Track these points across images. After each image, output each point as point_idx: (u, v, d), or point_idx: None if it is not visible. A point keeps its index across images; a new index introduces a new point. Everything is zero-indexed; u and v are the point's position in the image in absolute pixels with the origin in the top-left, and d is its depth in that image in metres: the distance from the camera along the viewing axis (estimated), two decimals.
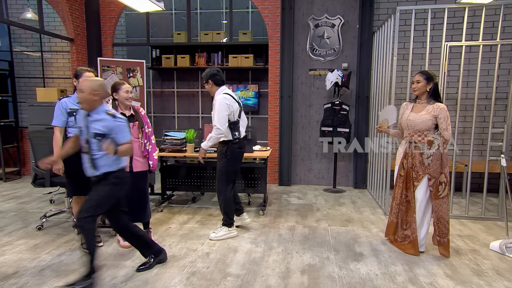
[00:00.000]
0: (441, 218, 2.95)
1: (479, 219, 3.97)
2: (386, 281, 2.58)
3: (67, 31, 5.62)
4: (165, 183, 4.44)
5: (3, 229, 3.52)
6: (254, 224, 3.73)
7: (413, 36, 3.91)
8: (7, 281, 2.51)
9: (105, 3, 5.79)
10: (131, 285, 2.46)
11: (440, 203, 2.95)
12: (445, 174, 2.93)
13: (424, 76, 2.93)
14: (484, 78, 4.79)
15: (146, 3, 3.60)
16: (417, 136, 2.94)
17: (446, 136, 2.88)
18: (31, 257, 2.90)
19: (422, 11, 4.42)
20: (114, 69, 5.47)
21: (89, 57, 5.82)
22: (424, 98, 2.97)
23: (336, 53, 5.35)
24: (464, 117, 5.04)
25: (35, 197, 4.71)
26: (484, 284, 2.56)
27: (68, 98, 2.99)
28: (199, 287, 2.45)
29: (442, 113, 2.86)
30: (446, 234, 2.96)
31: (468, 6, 3.73)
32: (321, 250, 3.10)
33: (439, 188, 2.93)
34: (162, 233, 3.46)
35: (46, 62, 6.37)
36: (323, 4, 5.30)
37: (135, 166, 3.04)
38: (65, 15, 5.51)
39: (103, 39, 5.90)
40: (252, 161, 4.42)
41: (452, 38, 4.76)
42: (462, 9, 4.24)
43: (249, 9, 8.17)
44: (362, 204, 4.58)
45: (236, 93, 5.97)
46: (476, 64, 3.87)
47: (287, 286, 2.49)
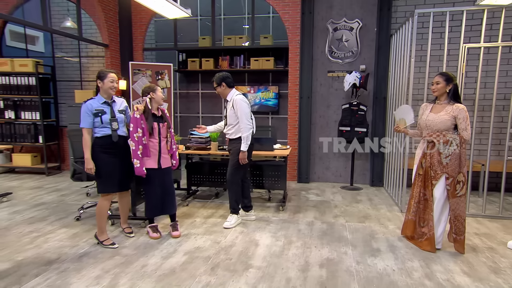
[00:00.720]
0: (458, 216, 2.86)
1: (497, 217, 3.83)
2: (403, 276, 2.52)
3: (102, 37, 5.79)
4: (190, 179, 4.51)
5: (47, 219, 3.67)
6: (274, 219, 3.73)
7: (431, 38, 3.79)
8: (51, 266, 2.62)
9: (137, 11, 5.92)
10: (160, 273, 2.52)
11: (458, 201, 2.85)
12: (463, 174, 2.83)
13: (444, 78, 2.83)
14: (502, 79, 4.62)
15: (174, 10, 3.64)
16: (436, 136, 2.86)
17: (465, 136, 2.78)
18: (71, 244, 3.02)
19: (440, 14, 4.29)
20: (144, 72, 5.60)
21: (122, 61, 5.98)
22: (444, 99, 2.88)
23: (354, 56, 5.26)
24: (481, 117, 4.84)
25: (73, 190, 4.88)
26: (502, 282, 2.46)
27: (92, 100, 2.92)
28: (222, 277, 2.48)
29: (461, 114, 2.77)
30: (463, 232, 2.87)
31: (488, 7, 3.58)
32: (339, 245, 3.06)
33: (457, 187, 2.84)
34: (187, 226, 3.52)
35: (84, 66, 6.58)
36: (341, 8, 5.22)
37: (163, 163, 3.11)
38: (100, 23, 5.68)
39: (134, 44, 6.04)
40: (272, 159, 4.41)
41: (470, 40, 4.59)
42: (481, 11, 4.08)
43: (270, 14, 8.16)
44: (378, 202, 4.48)
45: (257, 94, 5.98)
46: (494, 65, 3.72)
47: (306, 278, 2.47)
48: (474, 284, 2.44)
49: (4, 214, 3.81)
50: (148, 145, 3.00)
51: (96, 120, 2.89)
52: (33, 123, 5.83)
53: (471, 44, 3.84)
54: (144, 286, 2.35)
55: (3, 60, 5.74)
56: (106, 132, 2.93)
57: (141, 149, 2.96)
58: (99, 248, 2.94)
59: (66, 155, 6.22)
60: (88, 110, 2.86)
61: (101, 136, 2.92)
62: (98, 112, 2.89)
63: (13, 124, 5.87)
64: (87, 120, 2.87)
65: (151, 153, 3.03)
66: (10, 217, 3.70)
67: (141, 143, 2.96)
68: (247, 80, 6.22)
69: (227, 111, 3.48)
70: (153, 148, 3.04)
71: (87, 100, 2.92)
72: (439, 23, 4.63)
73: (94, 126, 2.90)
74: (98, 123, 2.90)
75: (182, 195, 4.55)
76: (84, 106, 2.88)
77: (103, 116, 2.91)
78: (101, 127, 2.92)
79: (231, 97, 3.44)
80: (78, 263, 2.66)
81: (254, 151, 4.03)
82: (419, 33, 4.57)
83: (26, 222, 3.55)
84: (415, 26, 3.75)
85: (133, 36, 6.02)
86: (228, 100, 3.47)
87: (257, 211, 3.99)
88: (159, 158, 3.07)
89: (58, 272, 2.53)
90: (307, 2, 5.21)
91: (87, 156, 2.86)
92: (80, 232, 3.29)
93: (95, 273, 2.51)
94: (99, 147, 2.91)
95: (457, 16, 4.64)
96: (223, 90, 3.45)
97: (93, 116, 2.87)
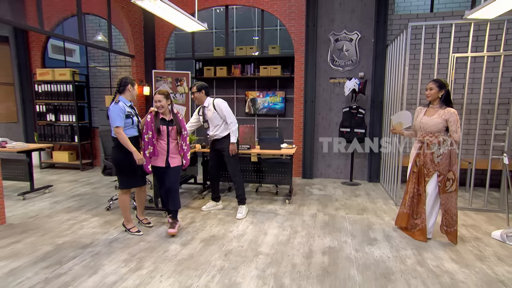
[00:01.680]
0: (448, 210, 2.83)
1: (482, 210, 3.77)
2: (397, 263, 2.50)
3: (129, 49, 5.88)
4: (206, 175, 4.53)
5: (82, 208, 3.76)
6: (281, 211, 3.74)
7: (423, 49, 3.76)
8: (85, 249, 2.69)
9: (159, 25, 5.99)
10: (179, 258, 2.56)
11: (448, 197, 2.82)
12: (453, 172, 2.80)
13: (437, 84, 2.81)
14: (487, 86, 4.57)
15: (193, 24, 3.67)
16: (429, 137, 2.83)
17: (456, 137, 2.74)
18: (103, 231, 3.08)
19: (431, 27, 4.25)
20: (165, 79, 5.66)
21: (146, 69, 6.05)
22: (437, 103, 2.85)
23: (354, 64, 5.21)
24: (469, 120, 4.77)
25: (104, 183, 4.97)
26: (486, 268, 2.44)
27: (122, 103, 2.79)
28: (235, 262, 2.50)
29: (452, 117, 2.73)
30: (453, 224, 2.83)
31: (474, 21, 3.53)
32: (340, 235, 3.05)
33: (447, 183, 2.81)
34: (203, 216, 3.55)
35: (113, 74, 6.68)
36: (342, 21, 5.17)
37: (172, 163, 2.98)
38: (128, 36, 5.76)
39: (157, 54, 6.11)
40: (279, 157, 4.41)
41: (458, 50, 4.54)
42: (468, 24, 4.02)
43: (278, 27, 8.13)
44: (375, 196, 4.44)
45: (266, 98, 5.98)
46: (480, 73, 3.68)
47: (310, 264, 2.48)
48: (461, 270, 2.41)
49: (46, 203, 3.92)
50: (156, 145, 2.91)
51: (127, 121, 2.79)
52: (70, 124, 5.96)
53: (459, 54, 3.80)
54: (165, 269, 2.39)
55: (46, 70, 5.89)
56: (134, 133, 2.89)
57: (150, 149, 2.88)
58: (126, 235, 3.00)
59: (97, 152, 6.34)
60: (121, 112, 2.74)
61: (129, 137, 2.81)
62: (129, 114, 2.83)
63: (53, 125, 6.02)
64: (122, 120, 2.74)
65: (159, 153, 2.93)
66: (51, 206, 3.80)
67: (151, 144, 2.88)
68: (257, 86, 6.23)
69: (207, 115, 3.47)
70: (161, 148, 2.93)
71: (117, 102, 2.77)
72: (430, 35, 4.59)
73: (124, 126, 2.79)
74: (128, 124, 2.81)
75: (199, 189, 4.59)
76: (117, 107, 2.73)
77: (133, 118, 2.87)
78: (129, 128, 2.85)
79: (208, 102, 3.46)
80: (109, 248, 2.73)
81: (262, 149, 4.06)
82: (412, 43, 4.52)
83: (64, 211, 3.65)
84: (409, 37, 3.71)
85: (156, 47, 6.09)
86: (205, 105, 3.47)
87: (265, 204, 4.00)
88: (167, 158, 2.95)
89: (92, 255, 2.60)
90: (311, 16, 5.18)
91: (134, 149, 2.77)
92: (110, 221, 3.36)
93: (123, 256, 2.57)
94: (124, 147, 2.78)
95: (447, 29, 4.61)
96: (201, 97, 3.46)
97: (125, 117, 2.77)
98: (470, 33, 3.65)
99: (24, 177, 4.33)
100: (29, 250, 2.68)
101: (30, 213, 3.56)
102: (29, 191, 4.26)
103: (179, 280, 2.24)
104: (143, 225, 3.22)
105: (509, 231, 2.94)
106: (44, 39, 6.20)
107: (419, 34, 4.02)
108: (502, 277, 2.33)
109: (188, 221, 3.39)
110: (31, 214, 3.53)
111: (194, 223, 3.33)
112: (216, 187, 3.78)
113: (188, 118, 5.83)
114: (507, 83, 4.63)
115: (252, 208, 3.81)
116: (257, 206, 3.91)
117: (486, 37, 3.64)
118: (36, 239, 2.88)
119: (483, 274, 2.37)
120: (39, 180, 5.03)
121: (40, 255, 2.59)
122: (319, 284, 2.21)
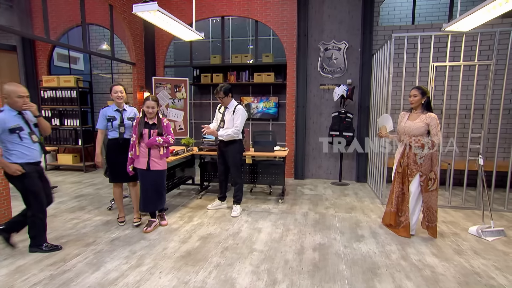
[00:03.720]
0: (430, 208, 2.88)
1: (460, 208, 3.84)
2: (383, 258, 2.53)
3: (130, 57, 5.86)
4: (203, 176, 4.53)
5: (85, 208, 3.73)
6: (275, 210, 3.75)
7: (406, 58, 3.84)
8: (88, 247, 2.68)
9: (159, 35, 5.99)
10: (178, 255, 2.55)
11: (430, 195, 2.87)
12: (435, 172, 2.85)
13: (420, 91, 2.88)
14: (464, 92, 4.67)
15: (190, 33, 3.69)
16: (413, 140, 2.88)
17: (436, 140, 2.80)
18: (105, 229, 3.06)
19: (413, 38, 4.33)
20: (165, 86, 5.66)
21: (146, 76, 6.03)
22: (419, 109, 2.91)
23: (342, 71, 5.26)
24: (448, 124, 4.85)
25: (106, 184, 4.93)
26: (463, 261, 2.49)
27: (108, 107, 3.03)
28: (231, 259, 2.50)
29: (433, 121, 2.79)
30: (434, 220, 2.89)
31: (451, 33, 3.62)
32: (329, 232, 3.07)
33: (429, 183, 2.85)
34: (201, 215, 3.54)
35: (115, 81, 6.67)
36: (331, 32, 5.23)
37: (153, 166, 2.95)
38: (129, 45, 5.75)
39: (157, 62, 6.11)
40: (273, 159, 4.43)
41: (438, 59, 4.62)
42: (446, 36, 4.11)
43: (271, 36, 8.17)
44: (363, 195, 4.48)
45: (260, 103, 6.01)
46: (458, 80, 3.76)
47: (301, 260, 2.50)
48: (441, 263, 2.45)
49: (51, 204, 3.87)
50: (139, 148, 2.92)
51: (108, 124, 3.01)
52: (74, 128, 5.92)
53: (439, 63, 3.87)
54: (165, 265, 2.39)
55: (51, 77, 5.85)
56: (115, 135, 3.03)
57: (132, 153, 2.92)
58: (128, 233, 2.98)
59: None
60: (103, 115, 3.00)
61: (111, 138, 3.04)
62: (110, 118, 3.00)
63: (58, 129, 5.96)
64: (102, 123, 3.01)
65: (141, 155, 2.92)
66: (56, 206, 3.77)
67: (134, 147, 2.92)
68: (251, 92, 6.26)
69: (226, 116, 3.43)
70: (142, 150, 2.93)
71: (104, 107, 3.05)
72: (412, 45, 4.67)
73: (107, 129, 3.02)
74: (109, 127, 3.02)
75: (196, 190, 4.59)
76: (101, 111, 3.02)
77: (114, 121, 3.01)
78: (111, 131, 3.03)
79: (233, 105, 3.44)
80: (111, 245, 2.71)
81: (257, 152, 4.08)
82: (396, 53, 4.59)
83: (68, 211, 3.62)
84: (393, 47, 3.77)
85: (156, 55, 6.08)
86: (228, 107, 3.45)
87: (259, 203, 4.01)
88: (148, 161, 2.93)
89: (95, 252, 2.58)
90: (302, 27, 5.23)
91: (97, 152, 2.98)
92: (111, 220, 3.33)
93: (125, 254, 2.56)
94: (109, 147, 3.03)
95: (427, 40, 4.70)
96: (227, 100, 3.44)
97: (107, 121, 2.99)
98: (448, 44, 3.72)
99: None
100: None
101: None
102: None
103: (178, 276, 2.24)
104: (133, 224, 3.17)
105: (484, 226, 3.00)
106: (50, 48, 6.16)
107: (402, 44, 4.09)
108: (478, 269, 2.38)
109: (186, 220, 3.38)
110: None
111: (192, 222, 3.33)
112: (224, 187, 3.75)
113: (186, 123, 5.83)
114: (482, 90, 4.72)
115: (247, 208, 3.82)
116: (251, 205, 3.92)
117: (462, 48, 3.73)
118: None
119: (461, 267, 2.41)
120: None
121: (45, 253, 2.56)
122: (310, 279, 2.23)
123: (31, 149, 2.46)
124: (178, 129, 5.75)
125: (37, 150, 2.52)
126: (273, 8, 5.45)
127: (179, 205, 3.90)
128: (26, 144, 2.43)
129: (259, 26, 5.73)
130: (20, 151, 2.41)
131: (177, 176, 4.21)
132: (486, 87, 4.51)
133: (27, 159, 2.44)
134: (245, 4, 5.56)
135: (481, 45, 4.66)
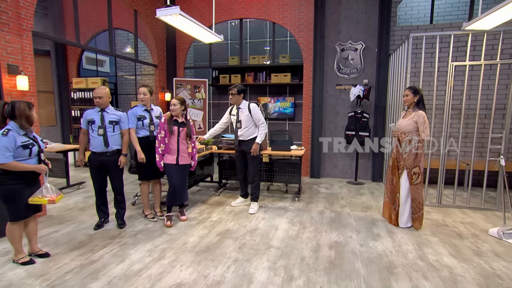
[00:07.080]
0: (415, 199, 2.96)
1: (479, 209, 3.68)
2: (399, 257, 2.47)
3: (152, 59, 6.01)
4: (221, 174, 4.57)
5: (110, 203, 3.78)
6: (291, 208, 3.73)
7: (424, 58, 3.71)
8: (114, 240, 2.77)
9: (180, 37, 6.10)
10: (198, 250, 2.59)
11: (414, 188, 2.95)
12: (419, 167, 2.92)
13: (412, 91, 2.93)
14: (484, 92, 4.45)
15: (210, 36, 3.72)
16: (402, 137, 2.97)
17: (423, 136, 2.86)
18: (129, 223, 3.15)
19: (431, 37, 4.17)
20: (185, 86, 5.76)
21: (167, 77, 6.16)
22: (412, 108, 2.97)
23: (358, 72, 5.15)
24: (467, 124, 4.65)
25: (130, 181, 5.04)
26: (483, 263, 2.38)
27: (136, 107, 3.09)
28: (248, 255, 2.52)
29: (420, 119, 2.85)
30: (418, 211, 2.97)
31: (472, 32, 3.45)
32: (345, 231, 3.03)
33: (413, 177, 2.94)
34: (219, 212, 3.57)
35: (138, 82, 6.86)
36: (347, 32, 5.13)
37: (181, 160, 3.05)
38: (152, 48, 5.90)
39: (177, 64, 6.22)
40: (289, 158, 4.41)
41: (457, 59, 4.44)
42: (466, 35, 3.92)
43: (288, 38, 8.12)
44: (379, 194, 4.37)
45: (277, 103, 5.99)
46: (478, 80, 3.59)
47: (317, 257, 2.48)
48: (459, 264, 2.36)
49: (80, 198, 4.05)
50: (168, 144, 3.02)
51: (138, 123, 3.05)
52: None
53: (458, 63, 3.71)
54: (185, 259, 2.44)
55: (80, 80, 6.10)
56: (145, 133, 3.10)
57: (162, 147, 3.00)
58: (150, 227, 3.06)
59: None
60: (134, 115, 3.04)
61: (141, 137, 3.07)
62: (141, 117, 3.05)
63: None
64: (134, 122, 3.03)
65: (170, 151, 3.02)
66: (84, 201, 3.93)
67: (163, 142, 3.00)
68: (268, 92, 6.24)
69: (241, 116, 3.48)
70: (172, 146, 3.02)
71: (132, 107, 3.10)
72: (430, 45, 4.49)
73: (137, 127, 3.05)
74: (140, 125, 3.06)
75: (215, 187, 4.64)
76: (131, 111, 3.05)
77: (144, 120, 3.07)
78: (142, 129, 3.08)
79: (244, 105, 3.51)
80: (134, 239, 2.79)
81: (274, 151, 4.07)
82: (413, 53, 4.45)
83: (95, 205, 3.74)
84: (410, 47, 3.66)
85: (176, 57, 6.19)
86: (241, 107, 3.51)
87: (276, 201, 4.01)
88: (177, 156, 3.03)
89: (120, 245, 2.67)
90: (319, 28, 5.16)
91: (139, 149, 3.01)
92: (135, 214, 3.43)
93: (147, 247, 2.63)
94: (141, 146, 3.04)
95: (446, 39, 4.52)
96: (238, 98, 3.50)
97: (137, 120, 3.04)
98: (468, 43, 3.57)
99: (61, 174, 4.49)
100: (66, 239, 2.78)
101: (67, 206, 3.69)
102: (66, 186, 4.42)
103: (198, 270, 2.28)
104: (158, 217, 3.28)
105: (505, 228, 2.87)
106: (79, 52, 6.43)
107: (420, 44, 3.94)
108: (499, 272, 2.26)
109: (205, 216, 3.43)
110: (67, 207, 3.66)
111: (210, 218, 3.37)
112: (245, 185, 3.78)
113: (205, 122, 5.90)
114: (503, 89, 4.49)
115: (264, 205, 3.82)
116: (268, 203, 3.92)
117: (483, 46, 3.56)
118: (72, 230, 2.99)
119: (480, 268, 2.30)
120: (74, 177, 5.18)
121: (75, 243, 2.68)
122: (326, 276, 2.20)
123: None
124: (198, 128, 5.83)
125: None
126: (290, 10, 5.41)
127: (199, 202, 3.96)
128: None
129: (276, 27, 5.70)
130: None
131: (196, 173, 4.28)
132: (508, 86, 4.29)
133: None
134: (262, 7, 5.55)
135: (504, 43, 4.40)
